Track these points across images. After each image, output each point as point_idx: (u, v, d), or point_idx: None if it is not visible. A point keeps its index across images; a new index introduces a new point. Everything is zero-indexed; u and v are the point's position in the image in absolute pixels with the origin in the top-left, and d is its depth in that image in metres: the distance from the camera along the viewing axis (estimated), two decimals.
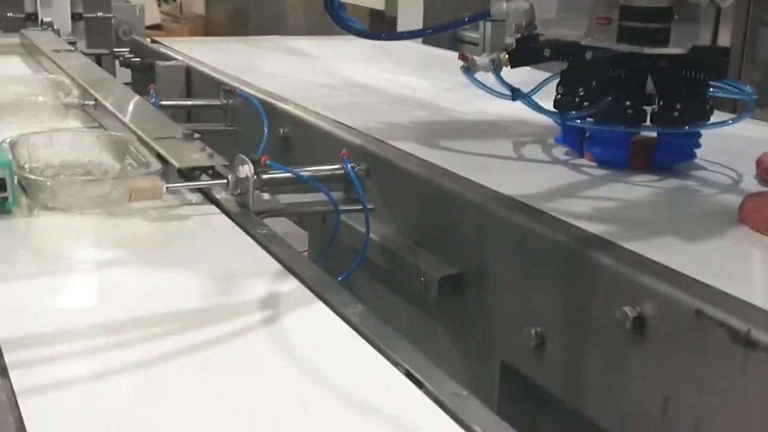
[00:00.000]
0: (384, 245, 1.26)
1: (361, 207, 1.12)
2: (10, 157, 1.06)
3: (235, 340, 0.78)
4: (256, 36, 2.86)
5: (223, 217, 1.06)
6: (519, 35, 1.33)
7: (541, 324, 1.02)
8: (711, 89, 1.28)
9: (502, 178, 1.19)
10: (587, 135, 1.31)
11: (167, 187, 1.06)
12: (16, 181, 1.03)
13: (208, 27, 5.50)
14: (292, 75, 2.00)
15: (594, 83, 1.25)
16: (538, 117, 1.37)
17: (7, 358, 0.71)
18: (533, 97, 1.33)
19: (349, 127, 1.46)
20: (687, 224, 1.06)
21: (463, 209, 1.15)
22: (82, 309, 0.85)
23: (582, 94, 1.26)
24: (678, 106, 1.23)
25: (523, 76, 1.39)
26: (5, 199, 1.01)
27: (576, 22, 3.14)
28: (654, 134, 1.28)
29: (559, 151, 1.36)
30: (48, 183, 1.05)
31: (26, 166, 1.10)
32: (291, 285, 0.89)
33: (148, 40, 2.33)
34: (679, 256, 0.93)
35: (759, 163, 1.24)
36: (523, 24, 1.32)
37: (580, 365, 0.98)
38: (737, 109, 1.52)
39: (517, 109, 1.41)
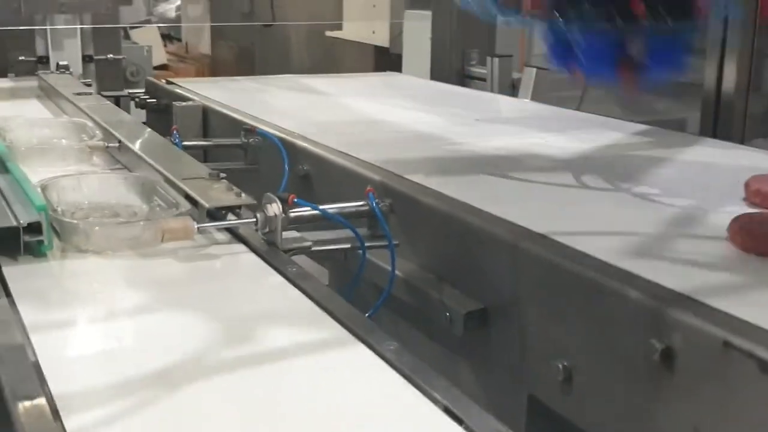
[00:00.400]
0: (408, 281, 1.27)
1: (386, 243, 1.14)
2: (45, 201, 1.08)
3: (270, 377, 0.79)
4: (266, 75, 2.90)
5: (253, 255, 1.08)
6: None
7: (568, 357, 1.03)
8: None
9: (518, 211, 1.20)
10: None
11: (198, 227, 1.08)
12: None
13: (214, 66, 5.56)
14: (307, 113, 2.02)
15: None
16: (548, 149, 1.39)
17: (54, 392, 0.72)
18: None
19: (369, 163, 1.48)
20: (695, 250, 1.07)
21: (486, 243, 1.16)
22: (121, 348, 0.86)
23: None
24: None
25: (540, 112, 1.41)
26: (41, 242, 1.03)
27: None
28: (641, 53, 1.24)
29: (569, 179, 1.38)
30: (81, 226, 1.07)
31: (58, 209, 1.12)
32: (325, 322, 0.90)
33: (163, 81, 2.36)
34: (699, 284, 0.95)
35: (746, 185, 1.27)
36: None
37: (608, 398, 0.99)
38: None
39: (526, 143, 1.44)
